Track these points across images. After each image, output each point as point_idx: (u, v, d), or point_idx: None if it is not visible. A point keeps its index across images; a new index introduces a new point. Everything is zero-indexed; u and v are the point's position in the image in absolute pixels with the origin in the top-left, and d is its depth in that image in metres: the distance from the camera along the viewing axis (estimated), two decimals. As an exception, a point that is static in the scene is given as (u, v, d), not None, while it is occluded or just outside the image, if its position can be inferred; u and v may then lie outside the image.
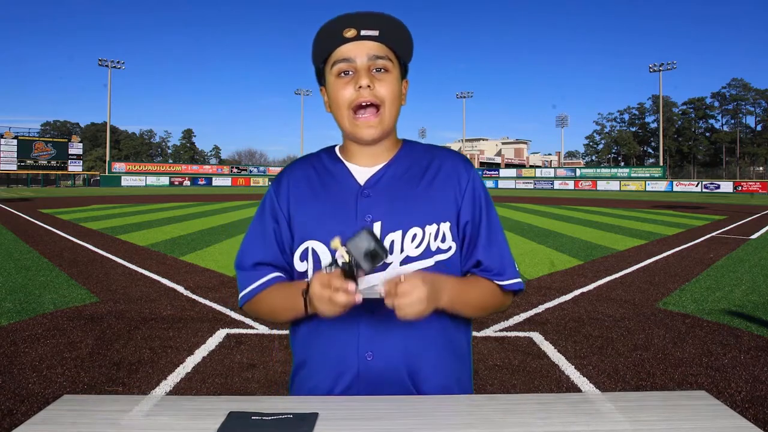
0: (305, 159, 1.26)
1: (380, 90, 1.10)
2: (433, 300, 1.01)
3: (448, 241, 1.14)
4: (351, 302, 0.96)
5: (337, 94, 1.12)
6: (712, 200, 33.33)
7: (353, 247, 0.96)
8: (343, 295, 0.95)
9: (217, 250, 9.19)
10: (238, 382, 3.41)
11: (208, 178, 65.44)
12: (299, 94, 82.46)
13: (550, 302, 5.51)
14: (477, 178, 1.19)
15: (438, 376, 1.12)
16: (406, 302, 0.97)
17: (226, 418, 0.94)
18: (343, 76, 1.12)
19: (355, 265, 0.96)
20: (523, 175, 69.45)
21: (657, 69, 65.38)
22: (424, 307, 0.98)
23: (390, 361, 1.09)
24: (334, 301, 0.95)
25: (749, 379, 3.46)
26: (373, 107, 1.11)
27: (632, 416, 0.97)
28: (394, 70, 1.14)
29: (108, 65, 65.07)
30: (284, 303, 1.14)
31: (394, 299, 0.97)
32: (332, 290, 0.95)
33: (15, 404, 3.02)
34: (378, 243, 0.97)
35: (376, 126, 1.12)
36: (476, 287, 1.15)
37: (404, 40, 1.15)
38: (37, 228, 12.84)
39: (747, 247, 10.04)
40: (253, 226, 1.23)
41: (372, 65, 1.11)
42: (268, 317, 1.22)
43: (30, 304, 5.31)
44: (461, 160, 1.22)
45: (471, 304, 1.14)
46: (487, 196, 1.20)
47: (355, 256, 0.96)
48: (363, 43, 1.10)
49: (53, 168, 59.89)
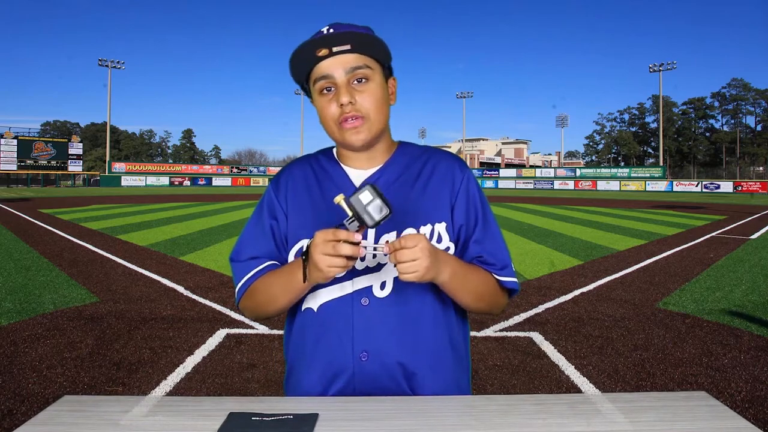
0: (304, 159, 1.27)
1: (363, 103, 1.11)
2: (435, 265, 0.99)
3: (444, 241, 1.14)
4: (355, 254, 0.94)
5: (323, 111, 1.13)
6: (712, 200, 33.32)
7: (356, 202, 0.95)
8: (348, 245, 0.93)
9: (217, 250, 9.19)
10: (238, 382, 3.41)
11: (208, 178, 65.43)
12: (299, 94, 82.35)
13: (550, 302, 5.51)
14: (471, 178, 1.19)
15: (435, 377, 1.11)
16: (409, 254, 0.95)
17: (226, 418, 0.94)
18: (326, 92, 1.12)
19: (358, 220, 0.95)
20: (523, 175, 69.43)
21: (657, 69, 65.36)
22: (427, 263, 0.96)
23: (386, 362, 1.08)
24: (338, 251, 0.93)
25: (749, 379, 3.46)
26: (359, 119, 1.11)
27: (632, 417, 0.97)
28: (376, 76, 1.13)
29: (108, 65, 65.04)
30: (281, 282, 1.11)
31: (397, 252, 0.95)
32: (336, 241, 0.93)
33: (15, 404, 3.02)
34: (381, 197, 0.95)
35: (364, 131, 1.12)
36: (477, 272, 1.14)
37: (377, 45, 1.13)
38: (37, 228, 12.84)
39: (747, 247, 10.04)
40: (250, 223, 1.23)
41: (351, 77, 1.10)
42: (264, 307, 1.17)
43: (30, 304, 5.31)
44: (456, 161, 1.22)
45: (469, 287, 1.12)
46: (482, 195, 1.20)
47: (357, 210, 0.95)
48: (339, 57, 1.10)
49: (53, 168, 59.85)
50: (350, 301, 1.10)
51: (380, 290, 1.10)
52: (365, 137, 1.12)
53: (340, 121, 1.11)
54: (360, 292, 1.10)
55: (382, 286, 1.11)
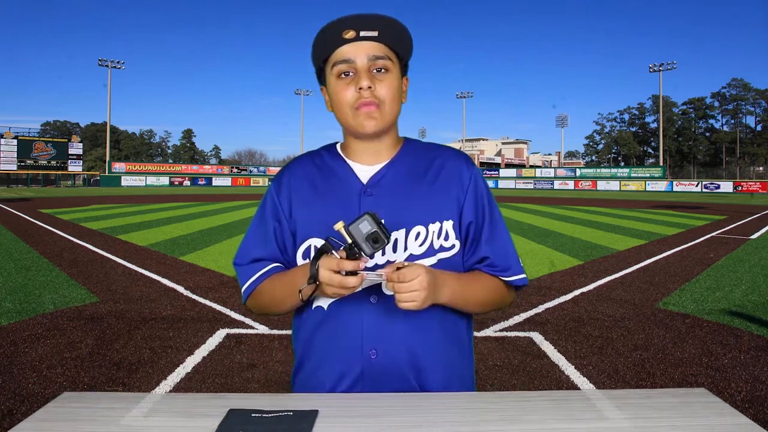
0: (306, 156, 1.26)
1: (381, 90, 1.11)
2: (433, 292, 1.01)
3: (451, 239, 1.14)
4: (358, 284, 0.97)
5: (339, 96, 1.13)
6: (712, 200, 33.32)
7: (355, 230, 0.97)
8: (352, 278, 0.96)
9: (217, 250, 9.19)
10: (238, 382, 3.41)
11: (208, 178, 65.42)
12: (299, 94, 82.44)
13: (550, 302, 5.51)
14: (479, 176, 1.20)
15: (441, 372, 1.13)
16: (407, 287, 0.97)
17: (226, 415, 0.94)
18: (344, 77, 1.12)
19: (357, 248, 0.97)
20: (523, 175, 69.45)
21: (657, 69, 65.37)
22: (425, 295, 0.99)
23: (394, 359, 1.09)
24: (343, 284, 0.96)
25: (749, 379, 3.46)
26: (375, 105, 1.12)
27: (632, 414, 0.97)
28: (395, 69, 1.14)
29: (108, 65, 65.03)
30: (285, 289, 1.12)
31: (396, 284, 0.98)
32: (342, 275, 0.96)
33: (15, 404, 3.02)
34: (380, 226, 0.97)
35: (378, 118, 1.12)
36: (478, 283, 1.15)
37: (403, 38, 1.15)
38: (37, 228, 12.84)
39: (747, 247, 10.04)
40: (253, 226, 1.23)
41: (372, 65, 1.11)
42: (270, 308, 1.19)
43: (30, 304, 5.31)
44: (463, 158, 1.22)
45: (472, 300, 1.14)
46: (489, 193, 1.20)
47: (356, 239, 0.96)
48: (362, 43, 1.11)
49: (53, 168, 59.84)
50: (359, 299, 1.11)
51: (388, 288, 1.11)
52: (378, 125, 1.13)
53: (356, 105, 1.11)
54: (368, 291, 1.11)
55: None
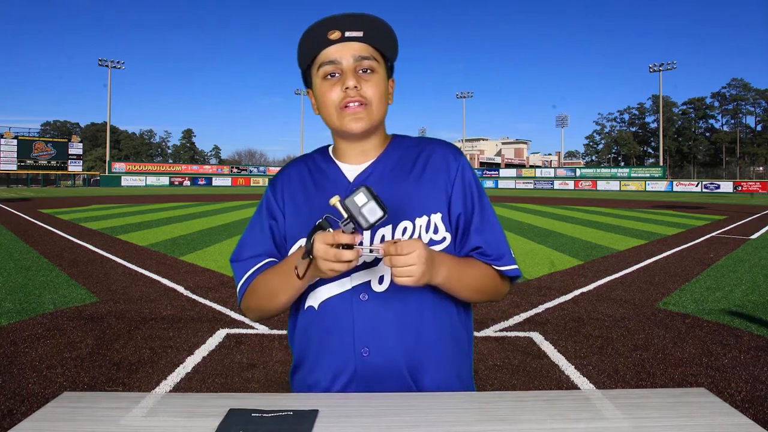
0: (300, 159, 1.27)
1: (367, 90, 1.11)
2: (431, 269, 1.00)
3: (441, 231, 1.13)
4: (355, 258, 0.95)
5: (325, 96, 1.13)
6: (712, 200, 33.31)
7: (350, 203, 0.95)
8: (349, 252, 0.94)
9: (217, 250, 9.18)
10: (238, 382, 3.41)
11: (208, 178, 65.41)
12: (299, 94, 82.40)
13: (550, 302, 5.51)
14: (467, 166, 1.19)
15: (438, 370, 1.12)
16: (404, 261, 0.96)
17: (226, 414, 0.94)
18: (330, 78, 1.12)
19: (353, 222, 0.95)
20: (523, 175, 69.43)
21: (657, 69, 65.36)
22: (422, 270, 0.97)
23: (388, 357, 1.08)
24: (339, 257, 0.95)
25: (749, 379, 3.46)
26: (361, 105, 1.12)
27: (632, 413, 0.97)
28: (380, 70, 1.14)
29: (108, 65, 65.03)
30: (280, 278, 1.11)
31: (393, 257, 0.96)
32: (338, 248, 0.94)
33: (15, 404, 3.02)
34: (376, 199, 0.96)
35: (364, 118, 1.12)
36: (474, 268, 1.14)
37: (389, 39, 1.15)
38: (37, 228, 12.84)
39: (747, 247, 10.04)
40: (250, 225, 1.24)
41: (358, 66, 1.11)
42: (265, 304, 1.17)
43: (30, 304, 5.31)
44: (450, 149, 1.21)
45: (468, 284, 1.12)
46: (477, 182, 1.19)
47: (352, 212, 0.95)
48: (348, 44, 1.10)
49: (53, 168, 59.82)
50: (349, 297, 1.10)
51: (379, 285, 1.10)
52: (364, 125, 1.12)
53: (342, 105, 1.11)
54: (358, 288, 1.10)
55: (380, 280, 1.11)
